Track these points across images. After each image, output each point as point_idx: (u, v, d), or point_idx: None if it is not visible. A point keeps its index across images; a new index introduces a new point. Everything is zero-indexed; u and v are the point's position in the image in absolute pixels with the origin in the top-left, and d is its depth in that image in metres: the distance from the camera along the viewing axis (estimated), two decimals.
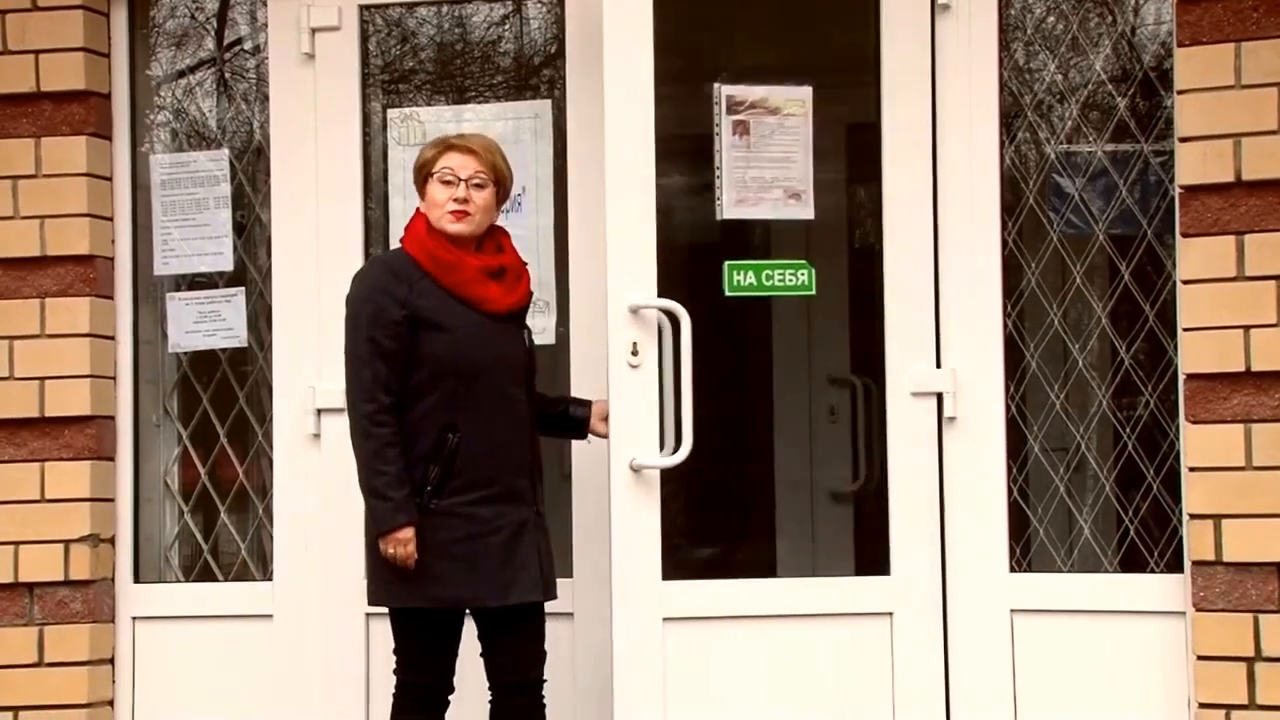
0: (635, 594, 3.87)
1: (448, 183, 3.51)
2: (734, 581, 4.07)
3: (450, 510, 3.48)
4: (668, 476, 3.87)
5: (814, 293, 4.01)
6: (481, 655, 3.58)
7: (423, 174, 3.57)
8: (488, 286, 3.52)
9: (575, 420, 3.77)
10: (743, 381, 4.31)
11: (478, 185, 3.51)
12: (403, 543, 3.44)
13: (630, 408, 3.85)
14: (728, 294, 3.97)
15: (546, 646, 3.78)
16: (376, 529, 3.47)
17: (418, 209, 3.59)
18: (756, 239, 4.11)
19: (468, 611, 3.59)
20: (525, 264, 3.67)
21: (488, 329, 3.51)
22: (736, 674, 3.92)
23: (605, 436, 3.74)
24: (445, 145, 3.56)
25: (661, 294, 3.89)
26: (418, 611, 3.52)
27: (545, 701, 3.64)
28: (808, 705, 3.89)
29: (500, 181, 3.57)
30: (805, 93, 3.96)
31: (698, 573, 4.09)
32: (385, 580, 3.51)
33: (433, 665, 3.57)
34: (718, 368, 4.00)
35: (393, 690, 3.61)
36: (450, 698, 3.61)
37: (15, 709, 4.09)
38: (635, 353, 3.87)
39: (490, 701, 3.60)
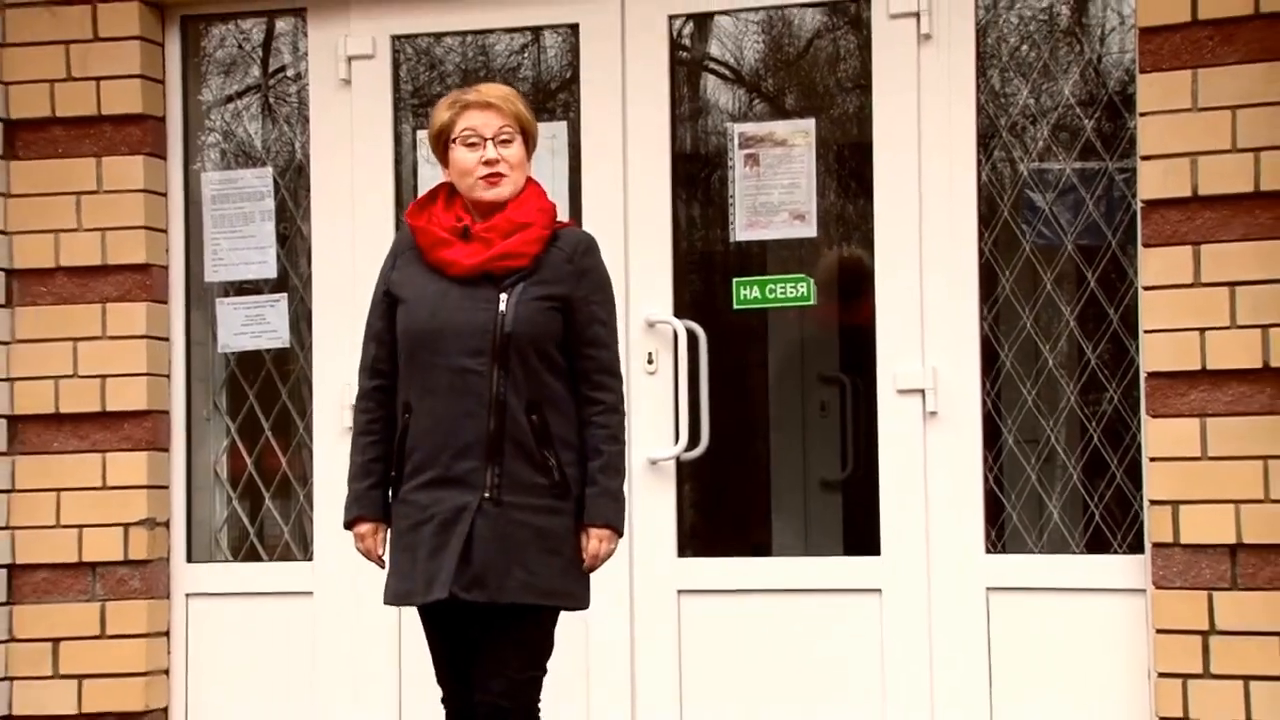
0: (654, 568, 3.97)
1: (472, 145, 2.99)
2: (741, 560, 4.06)
3: (403, 497, 3.00)
4: (683, 466, 3.93)
5: (813, 302, 4.02)
6: None
7: (442, 140, 3.04)
8: (451, 247, 2.99)
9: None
10: (743, 380, 4.30)
11: (505, 141, 2.99)
12: (358, 538, 3.06)
13: (647, 411, 3.95)
14: (735, 308, 3.99)
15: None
16: None
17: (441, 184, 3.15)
18: (758, 253, 4.14)
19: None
20: (530, 223, 2.98)
21: (449, 295, 2.97)
22: (743, 640, 3.95)
23: (585, 559, 2.99)
24: (461, 104, 3.03)
25: (677, 307, 3.97)
26: (420, 610, 3.02)
27: None
28: (806, 669, 3.92)
29: (527, 132, 3.06)
30: (809, 124, 4.02)
31: (707, 550, 4.09)
32: None
33: (438, 671, 3.05)
34: (722, 370, 4.00)
35: None
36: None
37: (80, 677, 4.12)
38: (651, 361, 3.98)
39: None
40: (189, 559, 4.26)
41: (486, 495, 2.90)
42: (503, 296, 2.94)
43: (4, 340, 4.19)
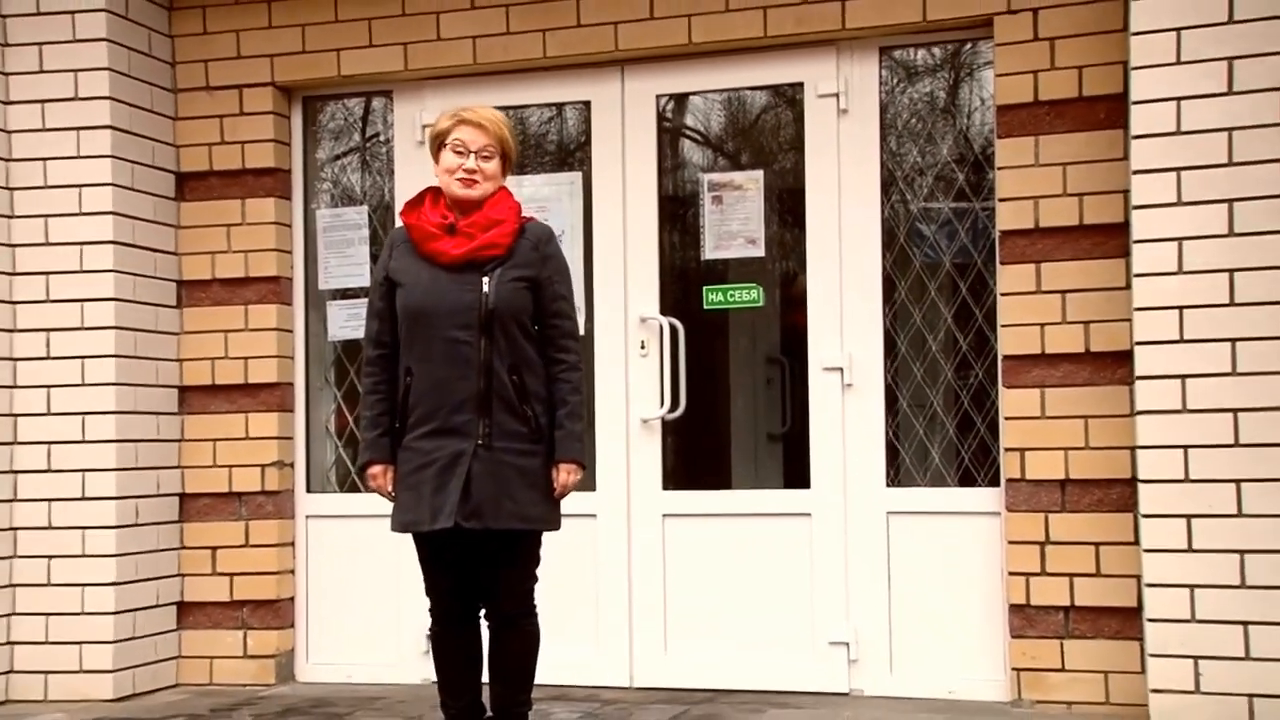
0: (645, 498, 4.10)
1: (459, 153, 2.87)
2: (709, 492, 4.11)
3: (407, 445, 2.87)
4: (666, 423, 4.07)
5: (762, 304, 4.08)
6: None
7: (437, 142, 2.92)
8: (440, 240, 2.85)
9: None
10: (711, 361, 4.26)
11: (486, 157, 2.88)
12: (371, 478, 2.94)
13: (640, 383, 4.10)
14: (705, 308, 4.09)
15: (575, 548, 3.46)
16: None
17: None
18: (722, 268, 4.18)
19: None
20: (503, 220, 2.87)
21: (440, 280, 2.83)
22: (711, 550, 4.06)
23: (555, 488, 2.90)
24: (459, 119, 2.90)
25: (663, 307, 4.09)
26: (415, 537, 2.91)
27: (529, 628, 2.91)
28: (756, 571, 4.02)
29: (506, 153, 2.92)
30: (759, 175, 4.09)
31: (684, 485, 4.11)
32: None
33: (430, 586, 2.94)
34: (696, 353, 4.10)
35: None
36: (466, 615, 2.93)
37: (231, 575, 4.31)
38: (643, 347, 4.10)
39: None
40: (308, 490, 4.38)
41: (480, 442, 2.79)
42: (485, 280, 2.82)
43: (175, 331, 4.33)
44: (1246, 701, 3.29)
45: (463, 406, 2.81)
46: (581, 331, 3.53)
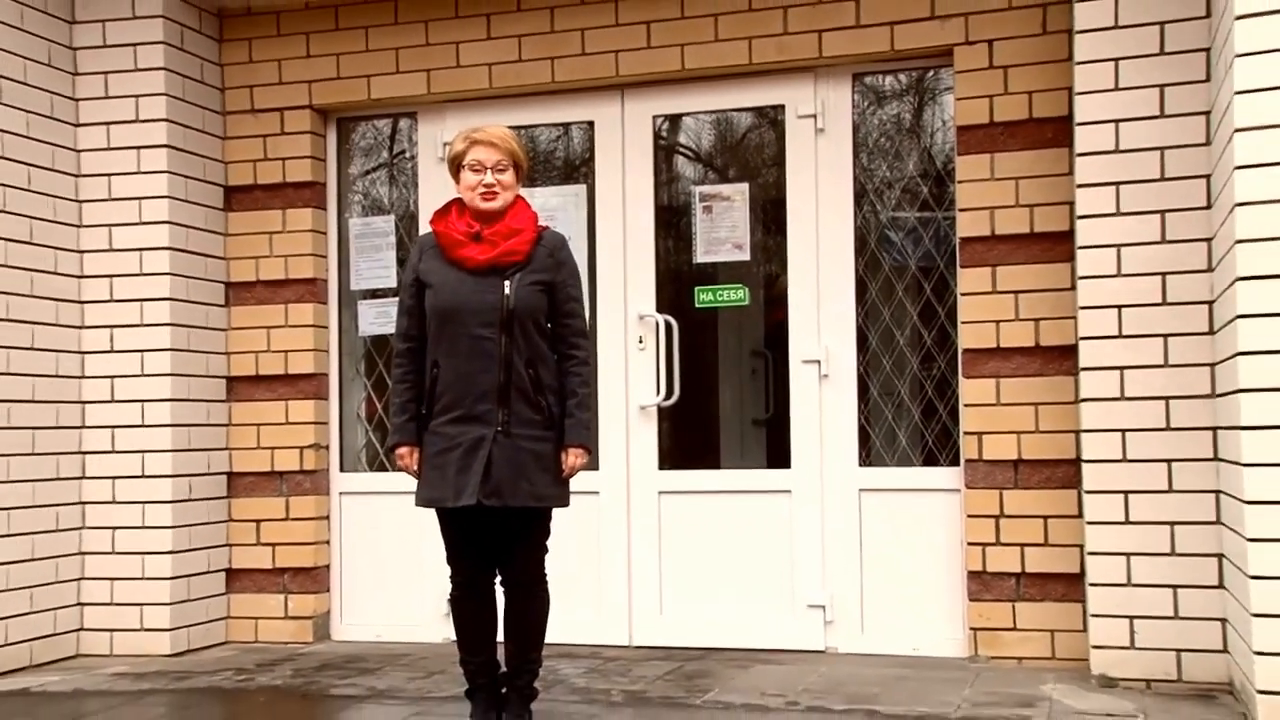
0: (643, 477, 4.18)
1: (477, 171, 2.91)
2: (700, 471, 4.16)
3: (434, 429, 2.90)
4: (662, 410, 4.15)
5: (748, 303, 4.15)
6: None
7: (455, 164, 2.96)
8: (467, 247, 2.89)
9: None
10: (702, 354, 4.28)
11: (500, 170, 2.92)
12: (399, 457, 2.96)
13: (638, 374, 4.18)
14: (697, 306, 4.17)
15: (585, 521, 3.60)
16: None
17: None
18: (712, 271, 4.21)
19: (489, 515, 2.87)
20: (522, 229, 2.91)
21: (466, 283, 2.87)
22: (702, 524, 4.14)
23: (564, 470, 2.94)
24: (471, 141, 2.95)
25: (659, 305, 4.17)
26: (438, 511, 2.95)
27: (540, 593, 2.94)
28: (741, 543, 4.10)
29: (518, 164, 2.96)
30: (744, 187, 4.17)
31: (678, 465, 4.15)
32: None
33: (451, 556, 2.99)
34: (689, 347, 4.18)
35: None
36: (483, 582, 2.97)
37: (273, 545, 4.43)
38: (641, 342, 4.18)
39: None
40: (341, 469, 4.47)
41: (499, 429, 2.84)
42: (506, 283, 2.86)
43: (223, 328, 4.45)
44: (1175, 655, 3.41)
45: (485, 396, 2.86)
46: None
